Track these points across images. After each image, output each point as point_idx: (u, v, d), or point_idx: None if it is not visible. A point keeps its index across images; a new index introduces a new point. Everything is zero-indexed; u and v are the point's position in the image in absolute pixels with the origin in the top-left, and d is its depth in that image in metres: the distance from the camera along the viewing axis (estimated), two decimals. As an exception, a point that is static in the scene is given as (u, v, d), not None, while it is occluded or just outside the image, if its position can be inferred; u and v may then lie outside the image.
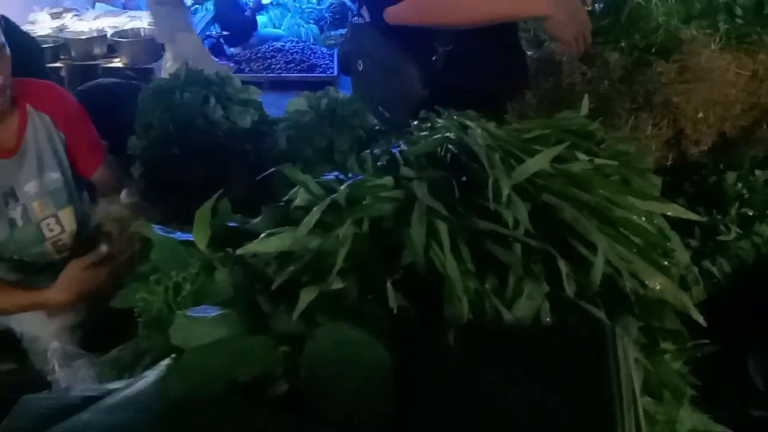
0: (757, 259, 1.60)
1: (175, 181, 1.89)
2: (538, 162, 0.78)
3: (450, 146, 0.85)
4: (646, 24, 1.83)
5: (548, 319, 0.69)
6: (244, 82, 2.22)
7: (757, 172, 1.77)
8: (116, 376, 0.82)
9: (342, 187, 0.74)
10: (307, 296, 0.66)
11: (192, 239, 0.84)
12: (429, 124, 0.97)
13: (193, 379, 0.62)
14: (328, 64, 5.53)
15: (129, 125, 2.06)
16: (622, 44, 1.84)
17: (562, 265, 0.74)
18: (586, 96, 0.92)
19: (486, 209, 0.75)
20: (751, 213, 1.69)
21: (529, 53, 1.91)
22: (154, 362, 0.79)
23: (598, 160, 0.83)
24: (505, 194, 0.75)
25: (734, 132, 1.96)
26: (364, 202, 0.72)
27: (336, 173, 0.86)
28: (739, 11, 1.86)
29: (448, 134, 0.88)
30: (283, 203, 0.82)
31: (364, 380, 0.62)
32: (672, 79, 1.76)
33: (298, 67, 5.49)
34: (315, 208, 0.74)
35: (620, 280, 0.77)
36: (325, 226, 0.73)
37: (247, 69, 5.44)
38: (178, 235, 0.85)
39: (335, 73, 5.36)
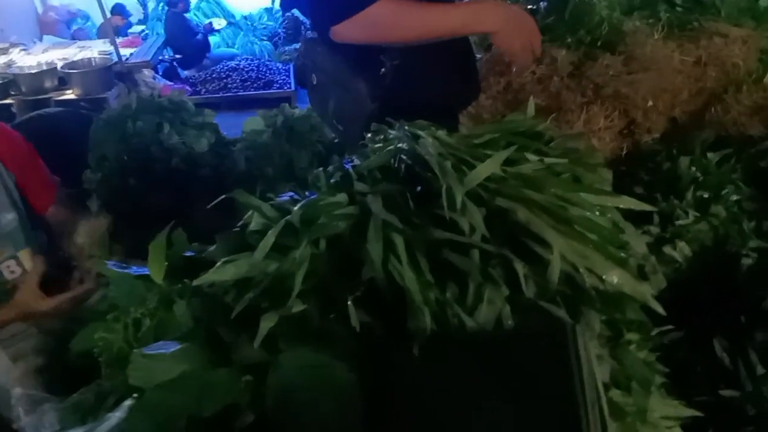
0: (715, 240, 1.63)
1: (135, 212, 1.86)
2: (488, 167, 0.78)
3: (403, 157, 0.86)
4: (589, 19, 1.86)
5: (510, 323, 0.69)
6: (201, 105, 2.20)
7: (709, 155, 1.81)
8: (79, 420, 0.80)
9: (295, 208, 0.73)
10: (267, 323, 0.65)
11: (148, 273, 0.82)
12: (382, 137, 0.97)
13: (157, 418, 0.60)
14: (284, 79, 5.52)
15: (76, 154, 2.02)
16: (569, 40, 1.86)
17: (519, 268, 0.74)
18: (531, 97, 0.93)
19: (442, 218, 0.75)
20: (706, 195, 1.73)
21: (478, 56, 1.93)
22: (117, 403, 0.77)
23: (548, 160, 0.84)
24: (459, 201, 0.75)
25: (684, 117, 2.01)
26: (319, 222, 0.72)
27: (291, 194, 0.86)
28: (678, 0, 1.90)
29: (400, 145, 0.88)
30: (238, 229, 0.81)
31: (332, 404, 0.62)
32: (619, 71, 1.79)
33: (255, 85, 5.47)
34: (270, 232, 0.73)
35: (578, 277, 0.77)
36: (282, 248, 0.73)
37: (204, 90, 5.40)
38: (134, 270, 0.83)
39: (292, 87, 5.35)
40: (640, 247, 0.88)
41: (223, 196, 0.84)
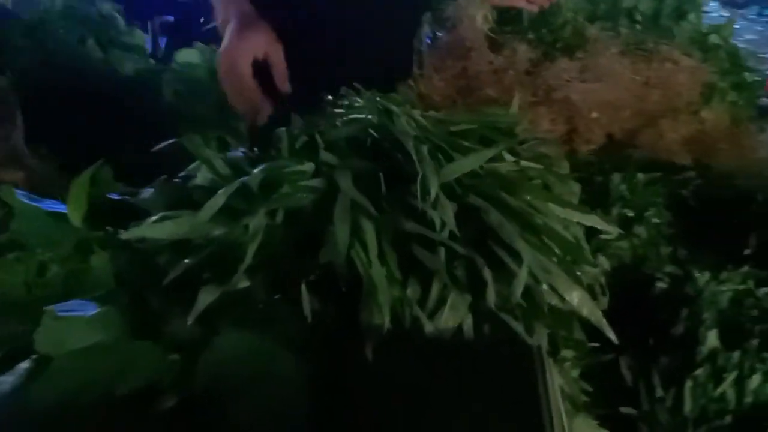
0: (633, 259, 1.68)
1: (44, 131, 1.67)
2: (471, 162, 0.73)
3: (371, 131, 0.78)
4: (553, 19, 1.84)
5: (470, 333, 0.65)
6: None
7: (639, 175, 1.85)
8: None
9: (255, 171, 0.65)
10: (207, 296, 0.57)
11: (64, 211, 0.71)
12: (346, 103, 0.89)
13: (64, 390, 0.51)
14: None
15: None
16: (530, 36, 1.84)
17: (488, 276, 0.70)
18: (517, 95, 0.89)
19: (411, 207, 0.69)
20: (631, 214, 1.76)
21: (439, 34, 1.86)
22: (9, 356, 0.67)
23: (524, 163, 0.80)
24: (434, 193, 0.69)
25: (620, 134, 2.04)
26: (282, 191, 0.64)
27: (242, 150, 0.77)
28: (639, 17, 1.92)
29: (369, 117, 0.81)
30: (179, 179, 0.71)
31: (272, 396, 0.55)
32: (573, 78, 1.78)
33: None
34: (221, 191, 0.64)
35: (537, 291, 0.74)
36: (232, 212, 0.64)
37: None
38: (47, 205, 0.71)
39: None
40: (594, 269, 0.87)
41: (170, 141, 0.74)
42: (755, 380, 1.21)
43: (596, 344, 0.99)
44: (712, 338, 1.31)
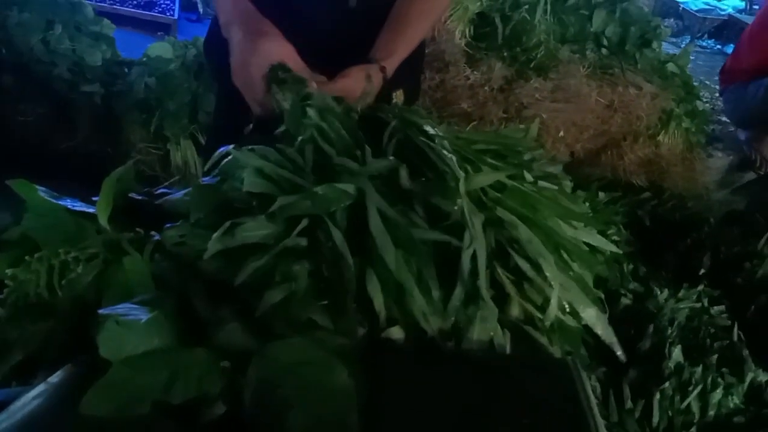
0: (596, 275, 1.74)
1: (4, 116, 1.59)
2: (497, 174, 0.75)
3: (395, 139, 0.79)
4: (527, 39, 1.90)
5: (504, 347, 0.66)
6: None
7: (601, 194, 1.93)
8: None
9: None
10: (271, 297, 0.56)
11: (87, 210, 0.68)
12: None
13: (118, 399, 0.49)
14: (168, 4, 5.06)
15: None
16: (504, 54, 1.89)
17: (513, 292, 0.72)
18: (537, 119, 0.91)
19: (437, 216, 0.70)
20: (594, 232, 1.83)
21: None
22: (28, 360, 0.63)
23: (541, 183, 0.82)
24: (463, 202, 0.70)
25: (582, 154, 2.13)
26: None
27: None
28: (606, 42, 2.00)
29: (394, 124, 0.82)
30: (212, 181, 0.69)
31: (323, 409, 0.54)
32: (545, 97, 1.84)
33: (135, 2, 4.96)
34: (296, 198, 0.63)
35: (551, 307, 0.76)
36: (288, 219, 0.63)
37: (74, -7, 4.79)
38: (69, 203, 0.68)
39: (175, 16, 4.93)
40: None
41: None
42: (717, 394, 1.29)
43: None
44: (677, 353, 1.38)
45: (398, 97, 1.09)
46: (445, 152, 0.73)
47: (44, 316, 0.63)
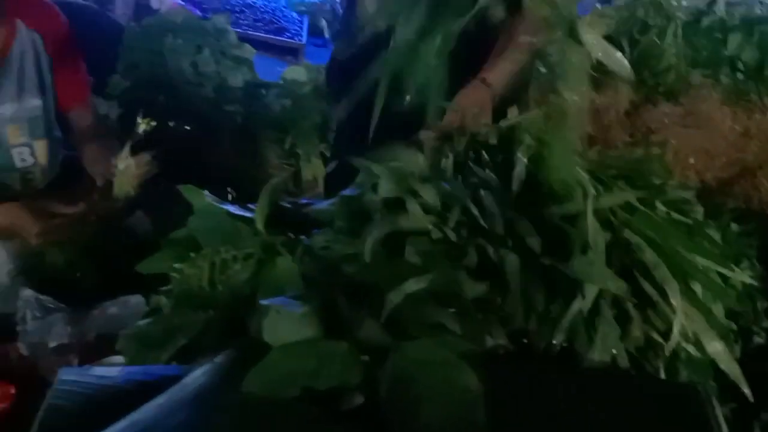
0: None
1: (156, 130, 1.76)
2: (626, 195, 0.76)
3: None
4: (656, 62, 1.86)
5: (627, 367, 0.67)
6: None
7: (733, 225, 1.83)
8: (137, 351, 0.74)
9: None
10: (395, 297, 0.61)
11: (245, 214, 0.77)
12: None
13: (273, 380, 0.55)
14: (297, 30, 5.36)
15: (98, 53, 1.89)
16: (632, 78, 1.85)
17: (635, 314, 0.73)
18: (667, 144, 0.91)
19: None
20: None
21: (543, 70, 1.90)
22: (188, 345, 0.72)
23: (674, 215, 0.82)
24: (590, 220, 0.72)
25: (713, 183, 2.03)
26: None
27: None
28: (741, 66, 1.91)
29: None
30: (355, 192, 0.76)
31: (452, 407, 0.58)
32: (674, 122, 1.78)
33: (266, 28, 5.28)
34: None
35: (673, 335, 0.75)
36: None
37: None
38: (231, 208, 0.77)
39: (303, 41, 5.21)
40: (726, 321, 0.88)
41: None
42: None
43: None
44: (814, 396, 1.29)
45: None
46: (578, 169, 0.75)
47: (205, 306, 0.71)
